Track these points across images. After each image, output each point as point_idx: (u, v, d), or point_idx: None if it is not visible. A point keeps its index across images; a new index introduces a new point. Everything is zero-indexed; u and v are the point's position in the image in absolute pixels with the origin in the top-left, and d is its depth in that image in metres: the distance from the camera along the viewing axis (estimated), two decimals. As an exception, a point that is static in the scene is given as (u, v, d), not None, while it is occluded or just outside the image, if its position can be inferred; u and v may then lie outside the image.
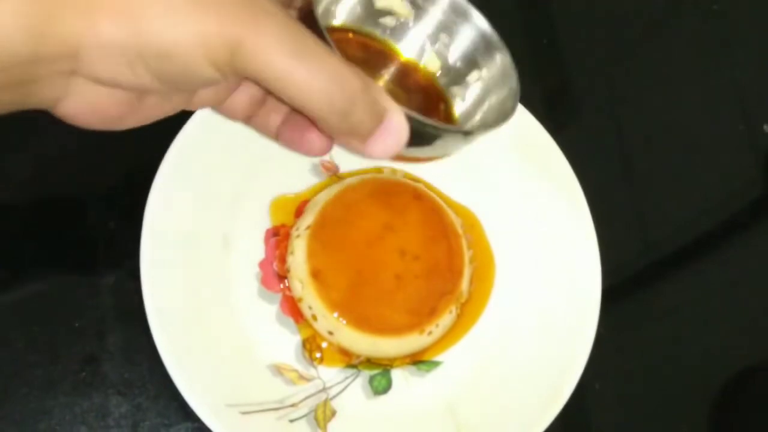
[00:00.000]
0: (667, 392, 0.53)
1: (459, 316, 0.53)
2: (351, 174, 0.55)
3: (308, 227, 0.52)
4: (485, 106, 0.43)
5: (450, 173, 0.56)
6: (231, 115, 0.39)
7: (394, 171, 0.56)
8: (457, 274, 0.52)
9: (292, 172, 0.54)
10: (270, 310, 0.51)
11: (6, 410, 0.44)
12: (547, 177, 0.55)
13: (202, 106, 0.37)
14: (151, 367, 0.46)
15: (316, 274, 0.50)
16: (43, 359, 0.45)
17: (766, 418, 0.53)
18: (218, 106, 0.38)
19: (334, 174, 0.55)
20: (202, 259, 0.50)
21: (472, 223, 0.56)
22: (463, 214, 0.56)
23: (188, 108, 0.37)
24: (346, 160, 0.56)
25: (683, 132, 0.59)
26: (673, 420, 0.53)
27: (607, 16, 0.62)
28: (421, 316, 0.51)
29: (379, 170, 0.56)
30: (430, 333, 0.51)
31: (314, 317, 0.51)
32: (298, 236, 0.52)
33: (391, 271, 0.51)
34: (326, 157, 0.56)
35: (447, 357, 0.52)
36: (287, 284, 0.52)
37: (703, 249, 0.58)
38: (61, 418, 0.44)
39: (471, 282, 0.54)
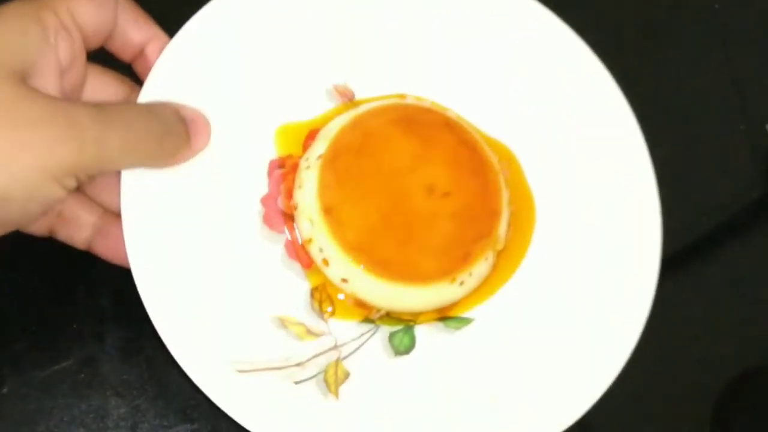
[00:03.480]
0: (668, 392, 0.51)
1: (494, 267, 0.46)
2: (369, 100, 0.48)
3: (320, 157, 0.45)
4: None
5: (482, 102, 0.49)
6: (34, 229, 0.43)
7: (419, 99, 0.49)
8: (495, 215, 0.45)
9: (300, 96, 0.47)
10: (274, 253, 0.45)
11: (4, 411, 0.44)
12: (596, 109, 0.48)
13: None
14: (150, 368, 0.45)
15: (329, 211, 0.44)
16: (41, 360, 0.45)
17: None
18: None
19: (349, 100, 0.48)
20: (194, 193, 0.44)
21: (508, 162, 0.48)
22: (498, 150, 0.48)
23: None
24: (363, 86, 0.48)
25: (683, 132, 0.58)
26: (675, 420, 0.51)
27: (606, 17, 0.60)
28: (452, 261, 0.44)
29: (402, 96, 0.48)
30: (462, 283, 0.44)
31: (326, 262, 0.44)
32: (308, 167, 0.45)
33: (417, 208, 0.44)
34: (340, 81, 0.48)
35: (479, 313, 0.46)
36: (294, 223, 0.45)
37: (703, 249, 0.56)
38: (60, 419, 0.44)
39: (508, 228, 0.47)
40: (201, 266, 0.43)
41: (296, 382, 0.42)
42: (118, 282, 0.45)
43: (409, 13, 0.48)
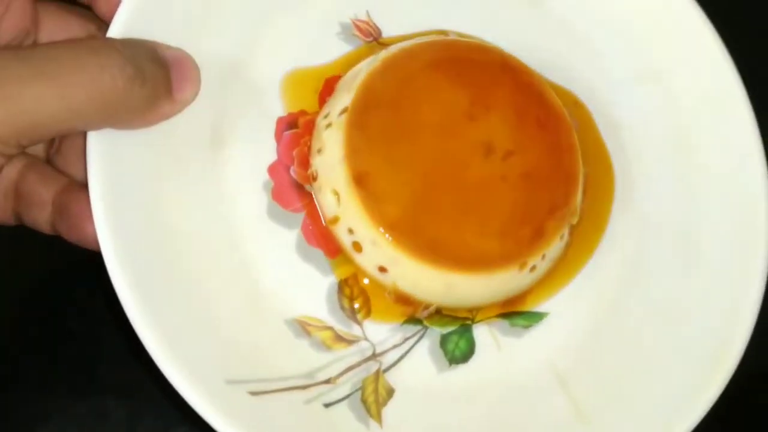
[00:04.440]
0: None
1: (568, 246, 0.38)
2: (400, 39, 0.39)
3: (345, 111, 0.36)
4: None
5: (544, 42, 0.41)
6: None
7: (462, 36, 0.40)
8: (571, 178, 0.37)
9: (311, 36, 0.39)
10: (287, 237, 0.37)
11: (3, 414, 0.44)
12: (692, 57, 0.41)
13: None
14: (149, 369, 0.43)
15: (360, 180, 0.35)
16: (39, 362, 0.45)
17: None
18: None
19: (374, 40, 0.39)
20: (181, 161, 0.36)
21: (574, 107, 0.40)
22: (563, 98, 0.40)
23: None
24: (390, 22, 0.40)
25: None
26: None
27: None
28: (521, 241, 0.36)
29: (443, 33, 0.40)
30: (533, 268, 0.37)
31: (357, 246, 0.36)
32: (329, 126, 0.37)
33: (473, 173, 0.36)
34: (362, 17, 0.39)
35: (554, 306, 0.38)
36: (314, 199, 0.37)
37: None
38: (58, 421, 0.44)
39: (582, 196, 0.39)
40: (193, 257, 0.35)
41: (326, 405, 0.34)
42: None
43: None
